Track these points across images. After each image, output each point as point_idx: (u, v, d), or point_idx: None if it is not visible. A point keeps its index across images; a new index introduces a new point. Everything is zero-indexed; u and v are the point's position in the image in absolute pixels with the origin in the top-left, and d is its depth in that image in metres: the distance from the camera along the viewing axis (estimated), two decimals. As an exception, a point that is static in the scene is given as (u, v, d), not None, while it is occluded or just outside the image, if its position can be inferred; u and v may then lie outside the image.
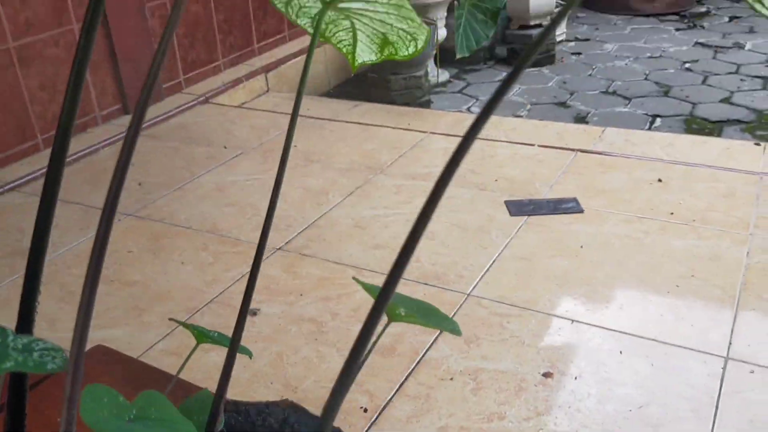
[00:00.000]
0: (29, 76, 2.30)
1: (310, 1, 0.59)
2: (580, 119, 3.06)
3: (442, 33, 3.42)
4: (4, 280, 1.72)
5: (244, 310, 0.66)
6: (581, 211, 1.89)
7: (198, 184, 2.19)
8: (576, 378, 1.31)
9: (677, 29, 4.26)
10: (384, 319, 0.59)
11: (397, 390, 1.30)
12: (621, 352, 1.37)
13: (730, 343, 1.38)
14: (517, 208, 1.93)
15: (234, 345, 0.65)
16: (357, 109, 2.79)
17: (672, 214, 1.85)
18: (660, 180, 2.03)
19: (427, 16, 3.31)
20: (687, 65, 3.62)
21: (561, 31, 4.09)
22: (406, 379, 1.33)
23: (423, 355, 1.39)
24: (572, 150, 2.27)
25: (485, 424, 1.21)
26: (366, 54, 0.64)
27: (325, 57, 3.52)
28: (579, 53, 3.92)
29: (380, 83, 3.16)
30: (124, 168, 0.54)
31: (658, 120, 2.99)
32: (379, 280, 1.63)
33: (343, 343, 1.43)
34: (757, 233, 1.74)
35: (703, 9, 4.65)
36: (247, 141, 2.50)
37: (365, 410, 1.25)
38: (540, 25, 3.71)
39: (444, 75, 3.62)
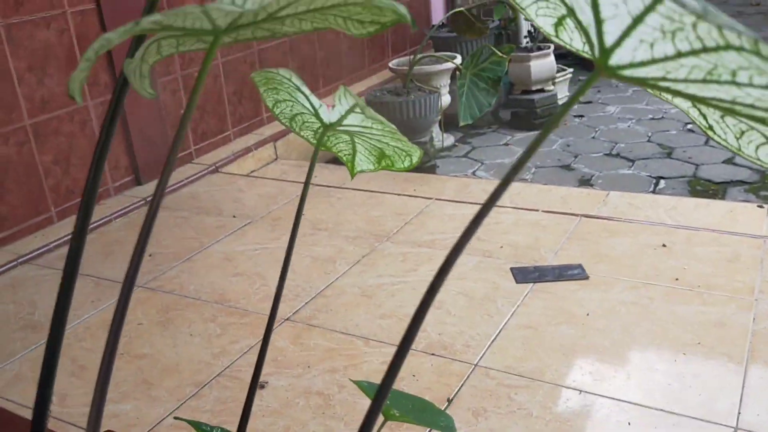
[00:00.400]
0: (44, 151, 2.37)
1: (312, 119, 0.63)
2: (585, 182, 3.10)
3: (446, 99, 3.50)
4: (17, 354, 1.74)
5: (249, 406, 0.67)
6: (586, 278, 1.91)
7: (207, 254, 2.23)
8: (584, 451, 1.30)
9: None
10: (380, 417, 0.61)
11: (405, 465, 1.29)
12: (629, 424, 1.36)
13: (739, 413, 1.37)
14: (523, 275, 1.95)
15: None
16: (364, 176, 2.84)
17: (677, 279, 1.86)
18: (664, 245, 2.04)
19: (431, 84, 3.40)
20: (689, 126, 3.68)
21: (564, 94, 4.17)
22: (413, 454, 1.32)
23: (430, 429, 1.38)
24: (576, 215, 2.29)
25: (493, 501, 1.20)
26: (364, 164, 0.68)
27: (332, 124, 3.60)
28: (582, 116, 3.99)
29: (386, 149, 3.22)
30: (138, 261, 0.57)
31: (662, 182, 3.02)
32: (385, 350, 1.64)
33: (351, 416, 1.43)
34: (762, 298, 1.74)
35: None
36: (255, 210, 2.55)
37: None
38: (542, 90, 3.80)
39: (449, 139, 3.69)
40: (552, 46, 3.80)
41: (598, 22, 0.40)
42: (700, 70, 0.39)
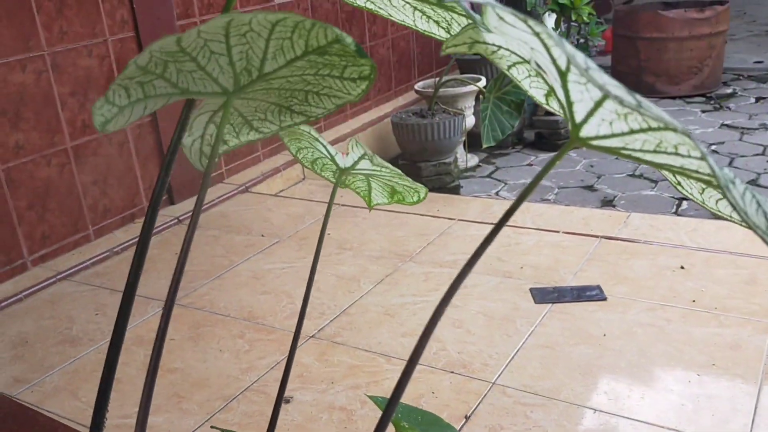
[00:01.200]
0: (83, 172, 2.49)
1: (330, 162, 0.71)
2: (607, 202, 3.13)
3: (470, 121, 3.57)
4: (55, 368, 1.83)
5: (274, 420, 0.74)
6: (604, 299, 1.95)
7: (236, 272, 2.31)
8: (597, 469, 1.34)
9: (703, 111, 4.35)
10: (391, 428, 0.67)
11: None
12: (642, 443, 1.40)
13: (752, 434, 1.40)
14: (542, 295, 2.00)
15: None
16: (388, 196, 2.91)
17: (694, 301, 1.89)
18: (682, 267, 2.07)
19: (456, 105, 3.47)
20: (713, 147, 3.69)
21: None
22: (431, 468, 1.37)
23: (448, 445, 1.44)
24: (597, 236, 2.34)
25: None
26: (379, 198, 0.75)
27: (358, 145, 3.68)
28: (606, 136, 4.02)
29: (411, 169, 3.30)
30: (174, 293, 0.64)
31: (684, 203, 3.04)
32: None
33: (372, 431, 1.49)
34: (779, 321, 1.76)
35: (729, 90, 4.75)
36: (283, 229, 2.63)
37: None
38: (566, 111, 3.85)
39: (473, 160, 3.75)
40: (576, 68, 3.84)
41: (569, 103, 0.46)
42: (651, 143, 0.45)
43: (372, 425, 1.52)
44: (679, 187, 0.54)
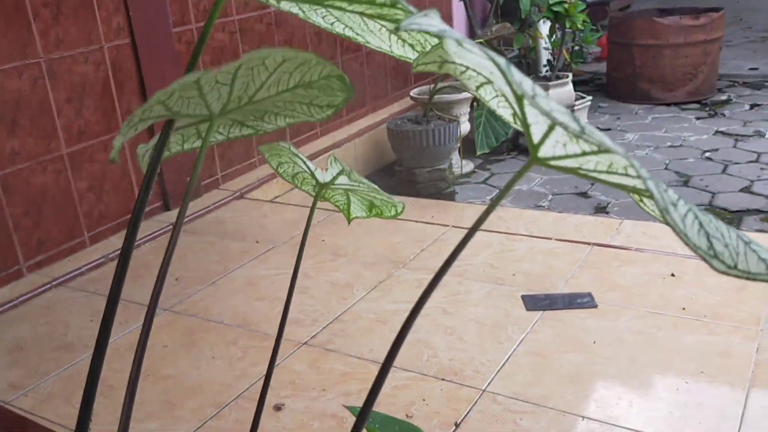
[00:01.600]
0: (79, 178, 2.50)
1: (309, 177, 0.72)
2: (600, 209, 3.15)
3: (465, 127, 3.59)
4: (50, 373, 1.85)
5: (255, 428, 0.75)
6: (595, 306, 1.96)
7: (231, 278, 2.32)
8: (585, 476, 1.35)
9: (698, 118, 4.38)
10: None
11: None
12: (630, 450, 1.42)
13: (738, 442, 1.41)
14: (533, 302, 2.01)
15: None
16: (383, 203, 2.93)
17: (684, 309, 1.90)
18: (673, 274, 2.09)
19: (451, 112, 3.49)
20: (707, 154, 3.71)
21: (583, 122, 4.23)
22: (420, 475, 1.39)
23: (438, 452, 1.45)
24: (589, 243, 2.35)
25: None
26: (358, 212, 0.77)
27: (354, 150, 3.70)
28: (601, 143, 4.04)
29: (407, 175, 3.32)
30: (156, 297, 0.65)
31: (678, 210, 3.06)
32: (397, 375, 1.72)
33: (362, 438, 1.50)
34: (768, 329, 1.78)
35: (723, 97, 4.77)
36: (278, 235, 2.65)
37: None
38: (561, 118, 3.86)
39: (468, 166, 3.77)
40: (570, 75, 3.87)
41: (526, 125, 0.47)
42: (603, 165, 0.47)
43: (363, 432, 1.53)
44: (641, 204, 0.56)
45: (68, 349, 1.96)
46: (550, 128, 0.46)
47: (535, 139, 0.48)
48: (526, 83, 0.40)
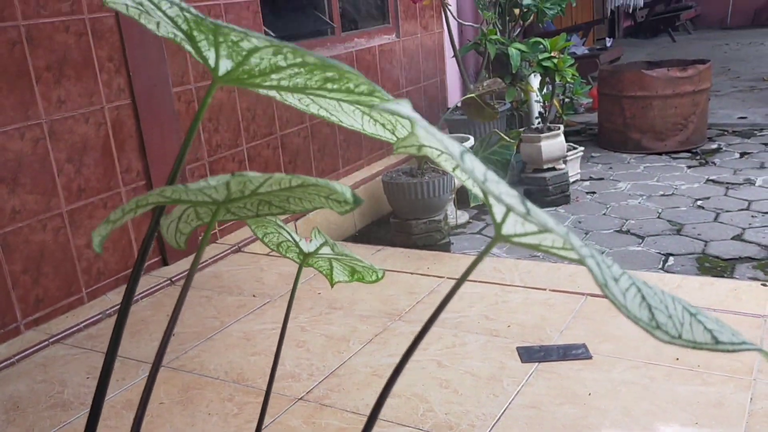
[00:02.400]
0: (78, 236, 2.54)
1: (293, 246, 0.76)
2: (595, 259, 3.18)
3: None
4: (45, 432, 1.84)
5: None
6: (590, 358, 1.97)
7: (227, 333, 2.33)
8: None
9: (689, 166, 4.44)
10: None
11: None
12: (626, 504, 1.41)
13: (734, 494, 1.41)
14: (528, 354, 2.02)
15: None
16: (379, 254, 2.96)
17: (677, 359, 1.91)
18: (666, 324, 2.11)
19: (445, 164, 3.55)
20: (699, 202, 3.76)
21: (575, 172, 4.30)
22: None
23: (433, 508, 1.44)
24: (583, 294, 2.37)
25: None
26: (341, 276, 0.80)
27: (350, 203, 3.75)
28: (593, 192, 4.10)
29: (402, 227, 3.35)
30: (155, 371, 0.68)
31: (671, 258, 3.09)
32: (395, 431, 1.71)
33: (357, 495, 1.50)
34: (761, 378, 1.79)
35: (714, 146, 4.85)
36: (274, 288, 2.67)
37: None
38: (553, 168, 3.93)
39: (463, 217, 3.81)
40: (562, 126, 3.94)
41: (489, 205, 0.51)
42: (558, 242, 0.50)
43: (358, 489, 1.52)
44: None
45: (64, 407, 1.96)
46: (508, 209, 0.50)
47: (498, 218, 0.51)
48: (478, 170, 0.44)
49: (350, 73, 0.48)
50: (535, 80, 4.23)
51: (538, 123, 4.18)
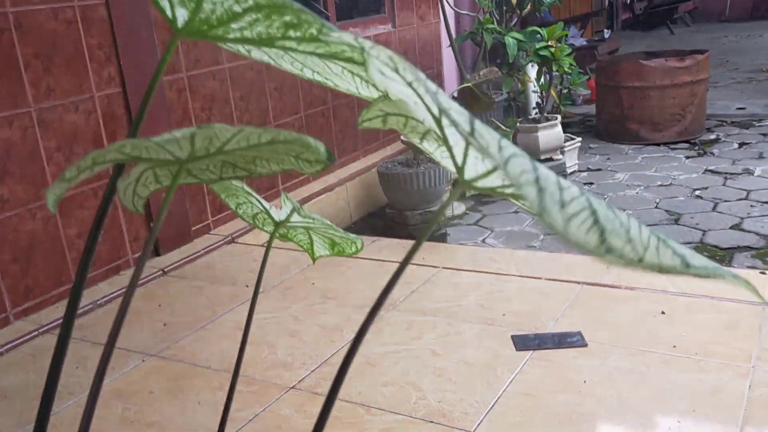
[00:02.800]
0: (69, 225, 2.51)
1: (268, 218, 0.73)
2: (593, 249, 3.15)
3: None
4: (33, 422, 1.81)
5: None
6: (585, 345, 1.94)
7: (219, 323, 2.31)
8: None
9: (687, 157, 4.41)
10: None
11: None
12: (621, 492, 1.38)
13: (732, 482, 1.38)
14: (523, 342, 1.99)
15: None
16: (375, 245, 2.93)
17: (675, 347, 1.89)
18: (663, 312, 2.08)
19: (441, 154, 3.52)
20: (697, 192, 3.73)
21: (573, 162, 4.26)
22: None
23: (425, 496, 1.42)
24: (579, 282, 2.34)
25: None
26: (321, 250, 0.77)
27: (347, 194, 3.72)
28: (591, 183, 4.07)
29: (398, 218, 3.32)
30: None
31: (669, 248, 3.06)
32: (386, 418, 1.69)
33: (348, 484, 1.47)
34: (759, 365, 1.76)
35: (712, 136, 4.82)
36: (268, 279, 2.63)
37: None
38: (550, 159, 3.90)
39: (460, 208, 3.78)
40: (559, 117, 3.91)
41: (449, 147, 0.48)
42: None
43: (349, 478, 1.50)
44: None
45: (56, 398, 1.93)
46: (467, 144, 0.47)
47: (459, 160, 0.48)
48: (430, 84, 0.40)
49: (304, 13, 0.45)
50: (532, 70, 4.19)
51: (535, 113, 4.15)
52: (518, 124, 3.87)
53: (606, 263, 0.40)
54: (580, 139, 4.27)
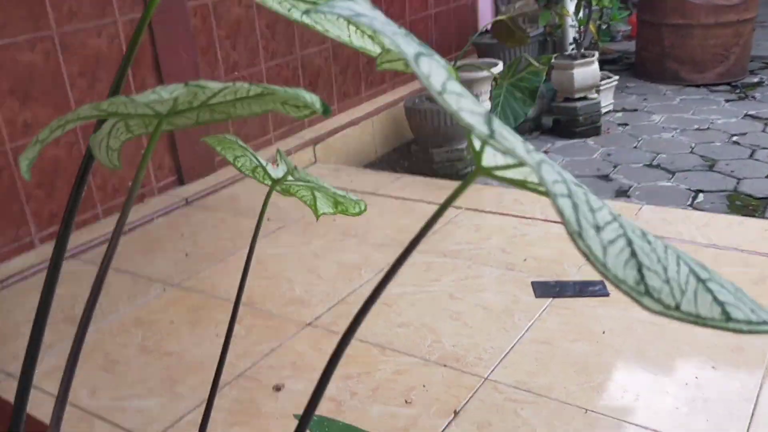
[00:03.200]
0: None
1: (266, 175, 0.69)
2: (622, 193, 3.08)
3: (486, 106, 3.52)
4: (55, 346, 1.85)
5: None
6: (607, 295, 1.91)
7: (240, 256, 2.31)
8: (584, 470, 1.32)
9: (727, 100, 4.24)
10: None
11: (407, 474, 1.34)
12: (632, 445, 1.38)
13: (746, 441, 1.37)
14: (543, 289, 1.97)
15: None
16: (398, 182, 2.89)
17: (698, 300, 1.84)
18: (689, 264, 2.03)
19: (471, 91, 3.42)
20: (735, 138, 3.60)
21: (608, 102, 4.13)
22: (416, 463, 1.37)
23: (435, 440, 1.43)
24: (604, 229, 2.29)
25: None
26: (325, 207, 0.74)
27: (372, 128, 3.66)
28: (626, 124, 3.94)
29: (423, 156, 3.27)
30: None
31: (701, 195, 2.98)
32: (399, 360, 1.69)
33: (358, 423, 1.48)
34: (785, 324, 1.72)
35: (755, 79, 4.62)
36: (290, 214, 2.63)
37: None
38: (585, 98, 3.77)
39: (488, 146, 3.70)
40: (596, 54, 3.76)
41: (467, 130, 0.43)
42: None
43: (361, 416, 1.51)
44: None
45: (74, 323, 1.96)
46: (483, 144, 0.42)
47: (476, 145, 0.44)
48: (436, 76, 0.36)
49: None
50: (570, 4, 4.01)
51: (572, 49, 4.00)
52: (553, 60, 3.73)
53: (641, 307, 0.35)
54: (617, 77, 4.12)
